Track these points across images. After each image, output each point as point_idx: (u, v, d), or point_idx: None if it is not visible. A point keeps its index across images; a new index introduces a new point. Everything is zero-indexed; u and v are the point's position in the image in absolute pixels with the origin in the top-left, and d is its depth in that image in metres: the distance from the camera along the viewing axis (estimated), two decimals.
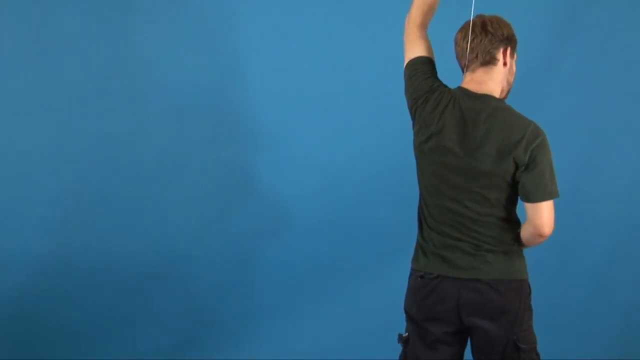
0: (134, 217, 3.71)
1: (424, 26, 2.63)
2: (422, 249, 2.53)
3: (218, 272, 3.79)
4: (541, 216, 2.42)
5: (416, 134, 2.53)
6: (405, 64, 2.60)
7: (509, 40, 2.48)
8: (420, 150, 2.50)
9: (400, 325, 2.68)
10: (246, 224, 3.79)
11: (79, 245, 3.68)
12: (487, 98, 2.45)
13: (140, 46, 3.69)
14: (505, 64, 2.47)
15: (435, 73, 2.58)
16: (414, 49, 2.60)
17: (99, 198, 3.71)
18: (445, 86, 2.54)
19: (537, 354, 2.51)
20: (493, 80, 2.48)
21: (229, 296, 3.81)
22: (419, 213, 2.56)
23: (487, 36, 2.46)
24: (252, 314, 3.84)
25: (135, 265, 3.70)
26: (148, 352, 3.72)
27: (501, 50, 2.46)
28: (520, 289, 2.47)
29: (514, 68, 2.51)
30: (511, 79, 2.51)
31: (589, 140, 3.92)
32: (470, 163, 2.42)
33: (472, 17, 2.50)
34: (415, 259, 2.57)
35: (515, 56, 2.51)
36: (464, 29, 2.51)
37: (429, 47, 2.61)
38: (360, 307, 3.82)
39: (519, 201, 2.49)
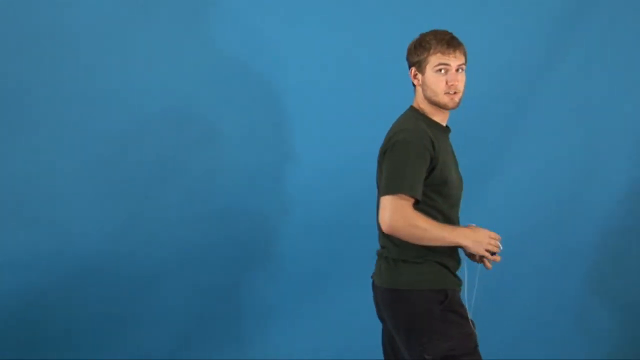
0: (133, 218, 3.71)
1: None
2: None
3: (218, 272, 3.79)
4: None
5: None
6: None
7: (408, 63, 2.60)
8: None
9: None
10: (246, 224, 3.79)
11: (79, 245, 3.68)
12: None
13: (140, 45, 3.70)
14: (414, 84, 2.60)
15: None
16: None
17: (98, 198, 3.71)
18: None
19: (470, 348, 2.49)
20: (415, 100, 2.62)
21: (229, 296, 3.81)
22: None
23: None
24: (252, 314, 3.84)
25: (135, 265, 3.69)
26: (148, 352, 3.71)
27: (409, 74, 2.61)
28: (402, 300, 2.49)
29: (429, 81, 2.54)
30: (427, 93, 2.56)
31: (590, 140, 3.93)
32: None
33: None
34: None
35: (420, 72, 2.56)
36: None
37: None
38: (360, 307, 3.81)
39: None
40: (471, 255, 2.58)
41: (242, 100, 3.76)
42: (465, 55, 2.59)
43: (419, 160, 2.44)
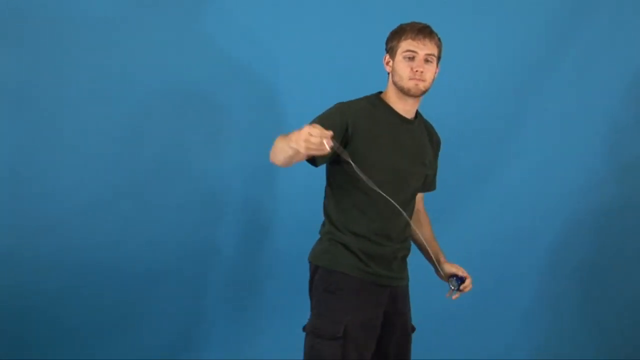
0: (134, 218, 3.71)
1: None
2: None
3: (218, 272, 3.79)
4: None
5: None
6: None
7: (385, 50, 2.68)
8: None
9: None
10: (246, 224, 3.80)
11: (79, 245, 3.68)
12: None
13: (140, 45, 3.70)
14: (387, 72, 2.67)
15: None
16: None
17: (98, 198, 3.71)
18: None
19: (320, 342, 2.58)
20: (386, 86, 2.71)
21: (229, 296, 3.81)
22: None
23: None
24: (252, 314, 3.84)
25: (135, 265, 3.70)
26: (148, 352, 3.72)
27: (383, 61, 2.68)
28: (310, 271, 2.69)
29: (397, 66, 2.61)
30: (395, 78, 2.63)
31: (589, 140, 3.93)
32: None
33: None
34: None
35: (392, 58, 2.64)
36: None
37: None
38: None
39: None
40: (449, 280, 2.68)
41: (243, 100, 3.77)
42: (438, 47, 2.63)
43: (327, 118, 2.54)
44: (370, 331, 2.61)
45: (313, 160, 2.54)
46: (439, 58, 2.65)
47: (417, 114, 2.73)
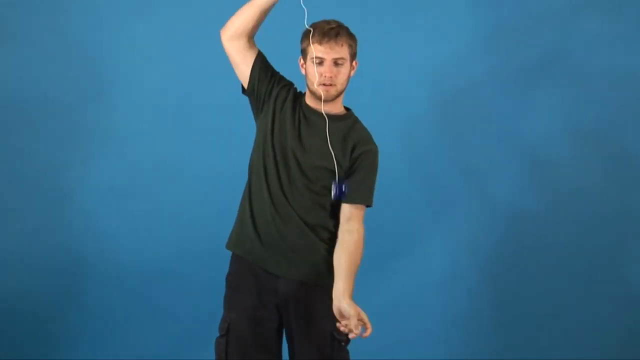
0: (134, 217, 3.72)
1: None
2: None
3: (218, 272, 3.78)
4: None
5: None
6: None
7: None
8: None
9: (403, 325, 2.68)
10: None
11: (79, 245, 3.69)
12: None
13: (140, 45, 3.71)
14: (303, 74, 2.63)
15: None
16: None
17: (99, 198, 3.72)
18: None
19: (217, 339, 2.64)
20: None
21: None
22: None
23: None
24: None
25: (135, 265, 3.71)
26: (148, 352, 3.73)
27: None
28: None
29: (307, 71, 2.59)
30: (307, 82, 2.60)
31: (589, 138, 3.92)
32: None
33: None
34: None
35: (304, 61, 2.60)
36: None
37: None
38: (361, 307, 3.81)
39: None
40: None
41: (241, 99, 3.76)
42: (349, 46, 2.56)
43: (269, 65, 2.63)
44: (258, 327, 2.58)
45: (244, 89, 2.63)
46: (353, 55, 2.59)
47: (348, 115, 2.67)
